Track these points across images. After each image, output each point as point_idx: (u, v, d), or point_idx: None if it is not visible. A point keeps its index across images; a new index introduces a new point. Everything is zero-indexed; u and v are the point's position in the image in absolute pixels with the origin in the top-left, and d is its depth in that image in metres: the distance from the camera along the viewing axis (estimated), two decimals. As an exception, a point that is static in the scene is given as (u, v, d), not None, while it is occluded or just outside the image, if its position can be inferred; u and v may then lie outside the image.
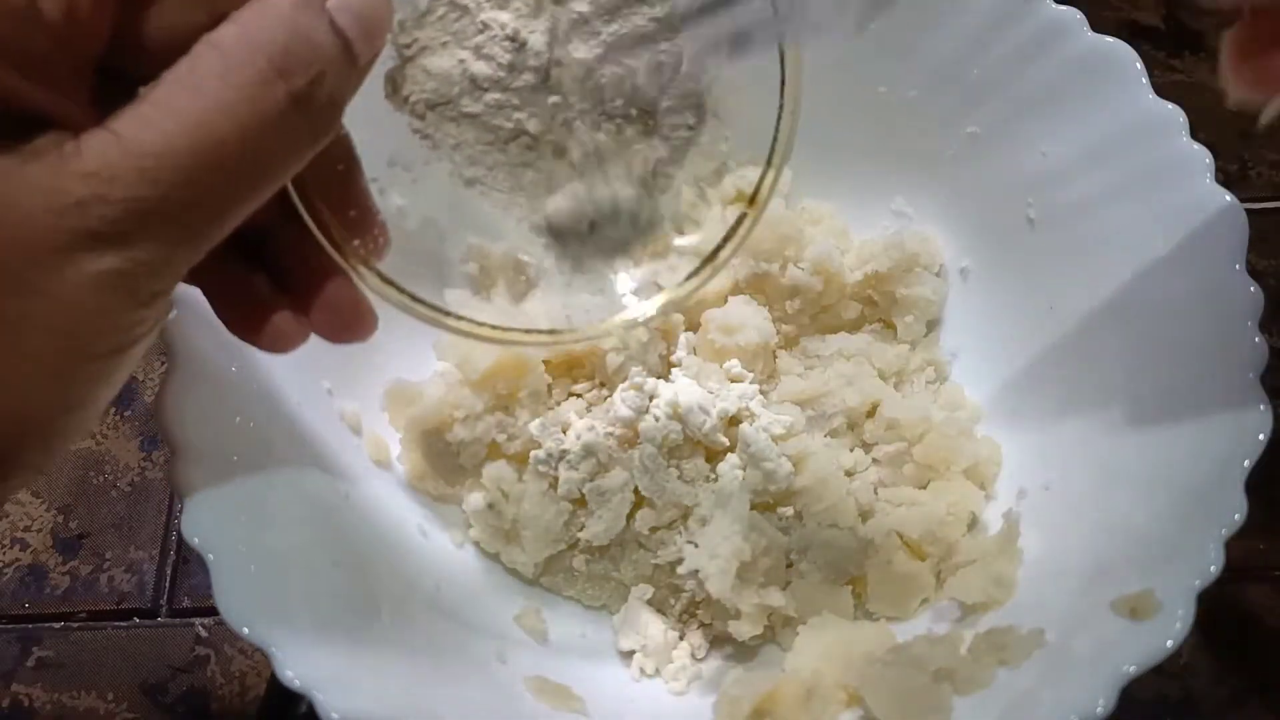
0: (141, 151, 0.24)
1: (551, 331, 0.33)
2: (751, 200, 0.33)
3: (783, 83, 0.31)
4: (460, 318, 0.32)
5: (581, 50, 0.31)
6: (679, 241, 0.34)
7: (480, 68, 0.30)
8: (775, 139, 0.32)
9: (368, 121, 0.30)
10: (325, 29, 0.25)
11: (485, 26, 0.30)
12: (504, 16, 0.30)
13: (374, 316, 0.32)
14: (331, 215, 0.30)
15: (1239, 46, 0.31)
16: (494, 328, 0.32)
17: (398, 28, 0.30)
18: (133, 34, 0.26)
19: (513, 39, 0.30)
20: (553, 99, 0.31)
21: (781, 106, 0.32)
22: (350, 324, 0.32)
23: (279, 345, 0.32)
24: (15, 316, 0.24)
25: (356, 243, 0.31)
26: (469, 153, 0.32)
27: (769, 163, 0.32)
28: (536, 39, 0.30)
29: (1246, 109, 0.32)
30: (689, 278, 0.33)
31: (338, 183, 0.31)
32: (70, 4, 0.24)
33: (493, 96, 0.31)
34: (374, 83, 0.30)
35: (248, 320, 0.31)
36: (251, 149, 0.25)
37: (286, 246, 0.31)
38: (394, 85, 0.31)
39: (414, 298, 0.32)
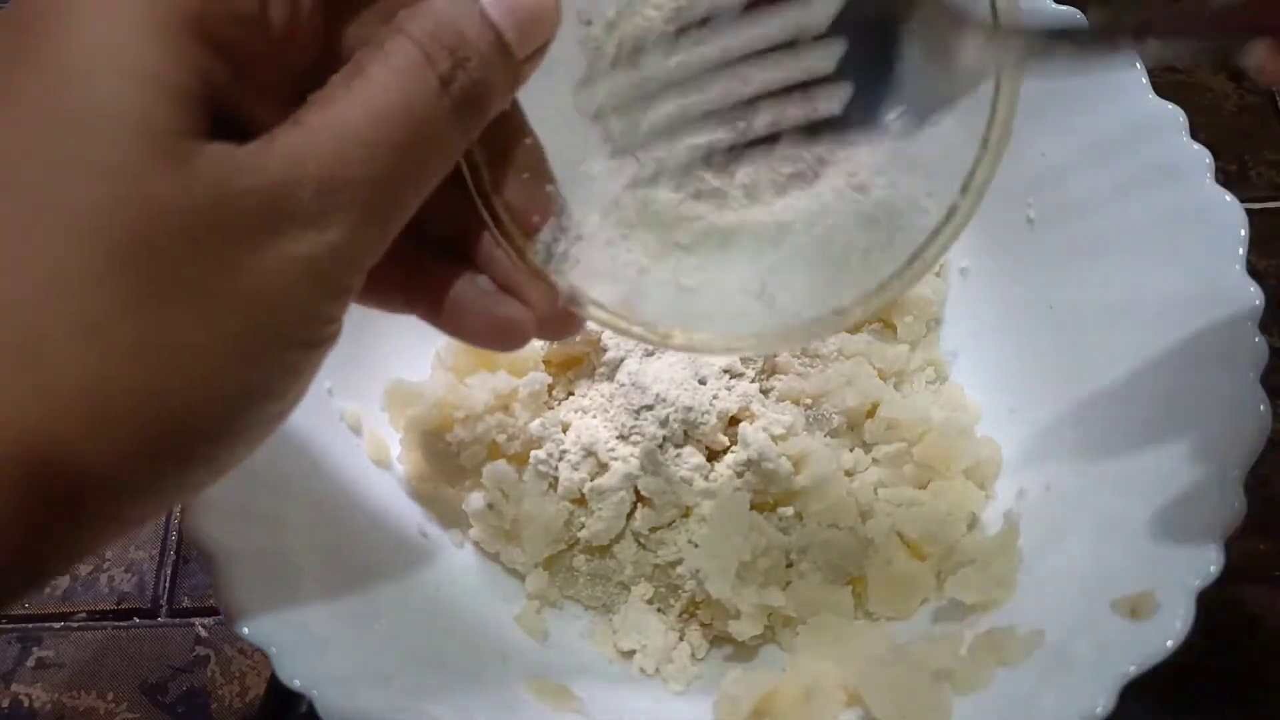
0: (324, 126, 0.25)
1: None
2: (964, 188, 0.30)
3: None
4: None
5: None
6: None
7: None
8: (993, 115, 0.29)
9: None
10: (474, 18, 0.27)
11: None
12: None
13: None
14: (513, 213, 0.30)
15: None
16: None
17: (589, 40, 0.30)
18: (332, 47, 0.27)
19: None
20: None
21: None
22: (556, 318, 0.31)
23: (510, 339, 0.31)
24: (218, 292, 0.24)
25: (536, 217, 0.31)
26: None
27: (985, 144, 0.30)
28: None
29: None
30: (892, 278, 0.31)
31: (517, 177, 0.31)
32: (293, 14, 0.26)
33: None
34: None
35: (430, 295, 0.31)
36: (413, 129, 0.26)
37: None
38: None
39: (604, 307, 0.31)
